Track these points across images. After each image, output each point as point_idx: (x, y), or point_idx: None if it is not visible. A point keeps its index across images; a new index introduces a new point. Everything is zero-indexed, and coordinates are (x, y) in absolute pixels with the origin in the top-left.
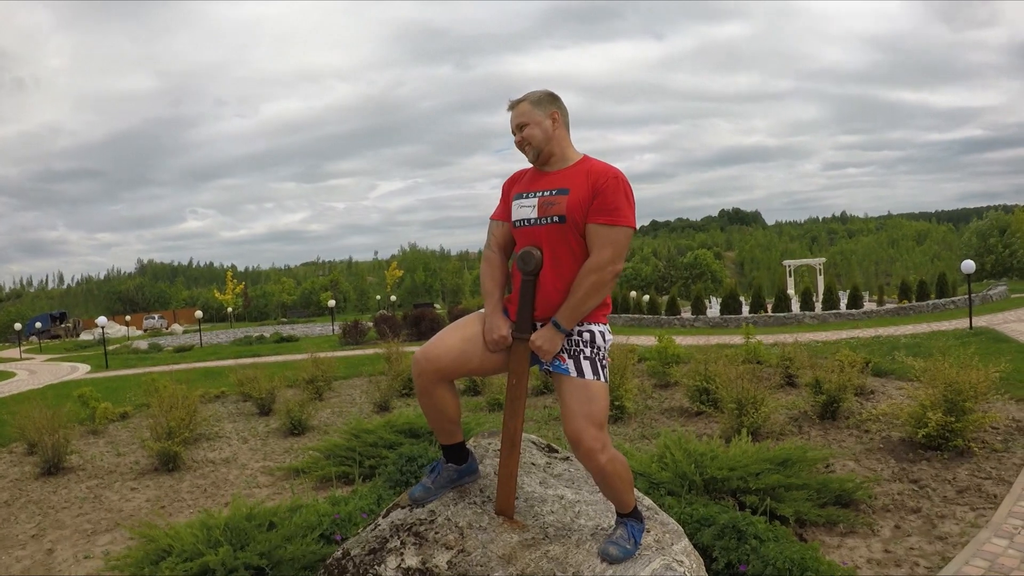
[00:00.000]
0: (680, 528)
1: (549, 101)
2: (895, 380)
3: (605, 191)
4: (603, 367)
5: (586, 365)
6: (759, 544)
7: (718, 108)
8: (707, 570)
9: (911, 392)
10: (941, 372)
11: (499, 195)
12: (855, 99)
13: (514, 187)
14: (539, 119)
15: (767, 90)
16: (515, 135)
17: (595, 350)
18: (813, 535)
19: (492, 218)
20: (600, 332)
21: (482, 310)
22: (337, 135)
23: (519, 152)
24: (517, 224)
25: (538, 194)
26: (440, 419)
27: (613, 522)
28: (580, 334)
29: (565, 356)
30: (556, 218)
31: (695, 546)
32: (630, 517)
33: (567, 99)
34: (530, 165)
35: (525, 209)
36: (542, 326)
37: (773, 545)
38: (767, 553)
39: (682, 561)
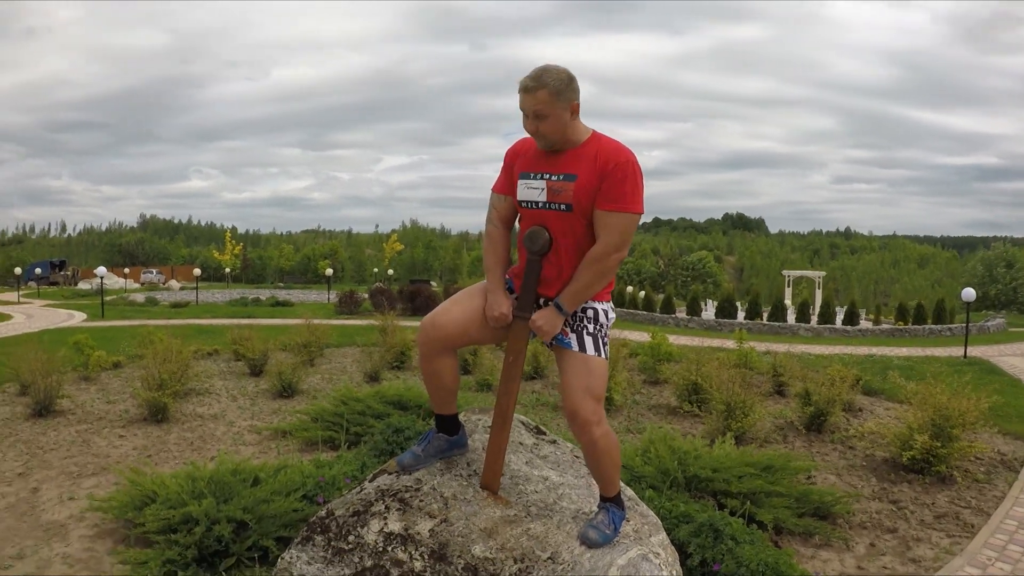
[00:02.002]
0: (659, 521)
1: (570, 90)
2: (884, 400)
3: (613, 176)
4: (604, 344)
5: (588, 340)
6: (735, 545)
7: (729, 110)
8: (681, 566)
9: (900, 413)
10: (932, 396)
11: None
12: (869, 113)
13: (518, 161)
14: (559, 112)
15: (780, 96)
16: (527, 118)
17: (598, 327)
18: (788, 543)
19: (494, 190)
20: (603, 310)
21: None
22: (344, 105)
23: (526, 136)
24: (523, 204)
25: (546, 177)
26: (438, 387)
27: (595, 507)
28: (584, 311)
29: (568, 330)
30: (563, 206)
31: (672, 541)
32: (613, 503)
33: (580, 88)
34: None
35: (533, 191)
36: (544, 303)
37: (748, 547)
38: (742, 554)
39: (658, 553)
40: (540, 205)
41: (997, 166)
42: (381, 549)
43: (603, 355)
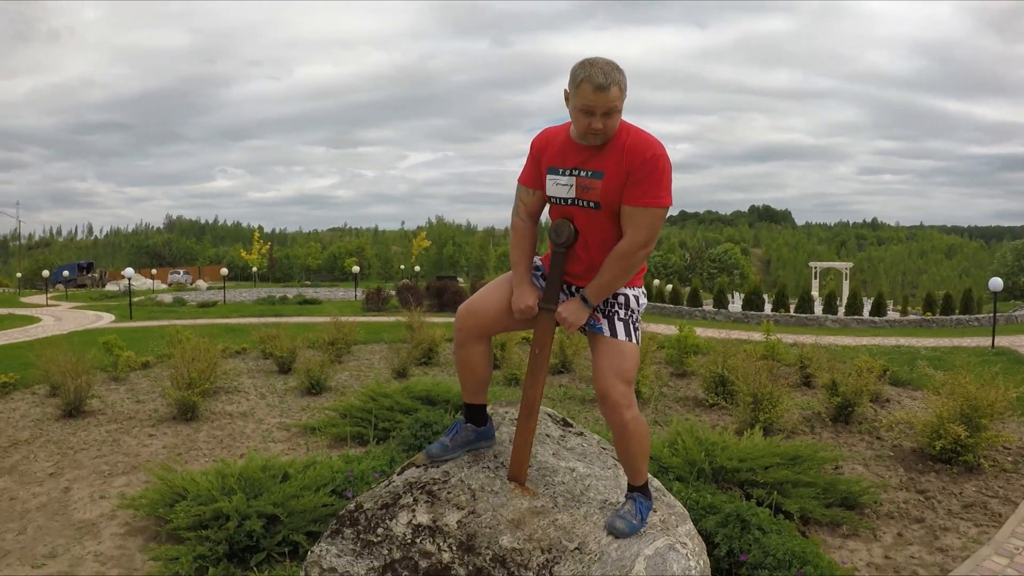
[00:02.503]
0: (686, 512)
1: (627, 86)
2: (912, 391)
3: (639, 172)
4: (635, 330)
5: (619, 326)
6: (761, 535)
7: (756, 103)
8: (708, 556)
9: (928, 403)
10: (962, 386)
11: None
12: (897, 104)
13: (546, 154)
14: (621, 109)
15: (807, 88)
16: (595, 116)
17: (629, 312)
18: (816, 533)
19: (520, 182)
20: (634, 296)
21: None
22: (369, 103)
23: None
24: (552, 200)
25: (575, 173)
26: (471, 375)
27: (622, 497)
28: (615, 296)
29: (600, 315)
30: (592, 204)
31: (699, 532)
32: (640, 492)
33: None
34: (559, 124)
35: (561, 188)
36: (573, 293)
37: (775, 537)
38: (769, 544)
39: (685, 543)
40: (568, 202)
41: None
42: (409, 541)
43: (634, 340)
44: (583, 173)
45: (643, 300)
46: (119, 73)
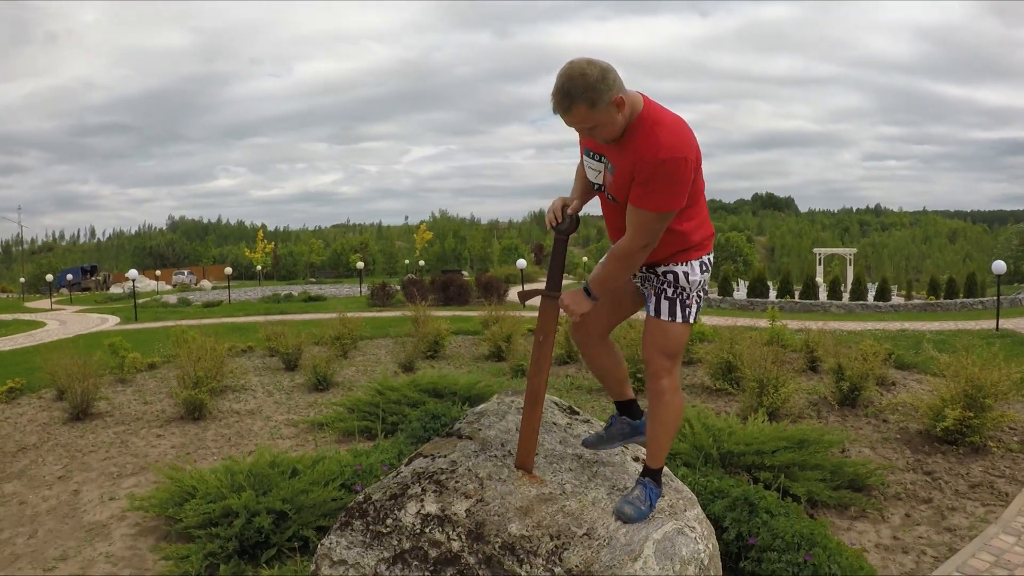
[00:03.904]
0: (694, 496)
1: (606, 89)
2: (917, 374)
3: (643, 172)
4: (684, 307)
5: (664, 305)
6: (770, 518)
7: (758, 90)
8: (717, 540)
9: (933, 385)
10: (964, 368)
11: (534, 165)
12: (900, 90)
13: (585, 141)
14: (604, 119)
15: (810, 75)
16: (579, 132)
17: (677, 290)
18: (824, 516)
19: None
20: (684, 273)
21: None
22: (371, 98)
23: (555, 122)
24: (592, 184)
25: (603, 160)
26: (606, 377)
27: (630, 483)
28: (664, 275)
29: (652, 292)
30: (610, 197)
31: (707, 516)
32: (652, 479)
33: None
34: None
35: (591, 171)
36: (640, 270)
37: (784, 520)
38: (777, 527)
39: (694, 527)
40: (596, 187)
41: None
42: (419, 531)
43: (680, 318)
44: (609, 167)
45: (694, 276)
46: (119, 74)
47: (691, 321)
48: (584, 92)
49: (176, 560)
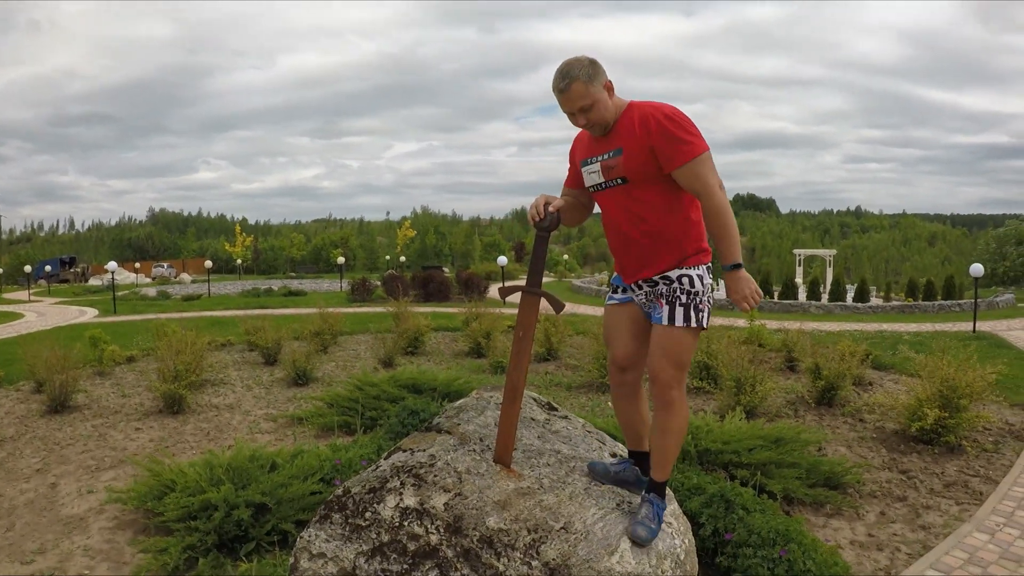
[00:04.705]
0: (671, 492)
1: (598, 71)
2: (894, 374)
3: (662, 136)
4: (698, 311)
5: (679, 312)
6: (746, 514)
7: (743, 90)
8: (693, 536)
9: (909, 385)
10: (940, 369)
11: (517, 163)
12: (883, 93)
13: (577, 153)
14: (600, 96)
15: (794, 76)
16: (575, 116)
17: (692, 296)
18: (799, 513)
19: (564, 185)
20: (698, 276)
21: (609, 302)
22: (354, 92)
23: (546, 120)
24: (592, 189)
25: (599, 158)
26: (634, 424)
27: (608, 481)
28: (680, 279)
29: (663, 301)
30: (619, 180)
31: (684, 512)
32: (657, 494)
33: None
34: None
35: (593, 175)
36: (644, 282)
37: (759, 516)
38: (753, 523)
39: (670, 523)
40: (602, 186)
41: (1009, 144)
42: (397, 524)
43: (694, 323)
44: (605, 156)
45: (707, 280)
46: (101, 64)
47: (704, 326)
48: (581, 71)
49: (155, 553)
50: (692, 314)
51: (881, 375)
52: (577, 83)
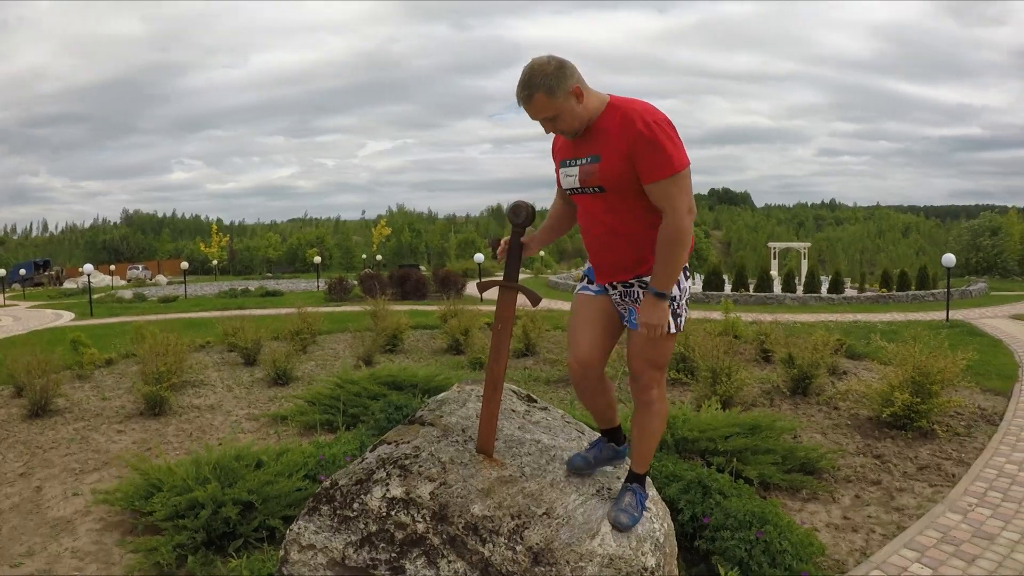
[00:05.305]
0: (649, 479)
1: (564, 79)
2: (868, 363)
3: (638, 147)
4: (676, 316)
5: None
6: (723, 499)
7: (716, 86)
8: (672, 520)
9: (882, 373)
10: (911, 356)
11: (492, 160)
12: (856, 87)
13: (558, 151)
14: (565, 107)
15: (767, 71)
16: (542, 125)
17: (672, 302)
18: (776, 498)
19: (557, 185)
20: (677, 280)
21: (582, 291)
22: (328, 90)
23: (520, 117)
24: (568, 192)
25: (578, 162)
26: (602, 409)
27: (591, 470)
28: None
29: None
30: (596, 188)
31: (662, 498)
32: (639, 483)
33: None
34: None
35: (570, 178)
36: (620, 283)
37: (736, 500)
38: (730, 507)
39: (649, 508)
40: (579, 191)
41: (981, 137)
42: (385, 514)
43: (673, 329)
44: (583, 160)
45: (684, 284)
46: (71, 64)
47: (681, 329)
48: (543, 80)
49: (144, 552)
50: (671, 319)
51: (855, 364)
52: (539, 95)
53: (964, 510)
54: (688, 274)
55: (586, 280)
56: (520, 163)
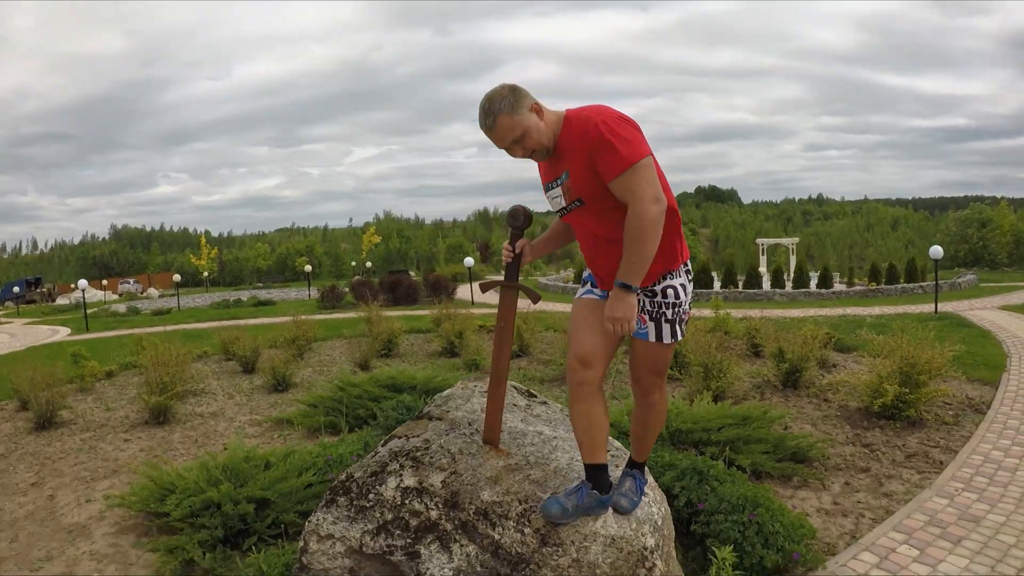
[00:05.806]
0: (646, 468)
1: (521, 98)
2: (857, 356)
3: (596, 151)
4: (681, 323)
5: (665, 330)
6: (717, 485)
7: (700, 83)
8: (668, 506)
9: (871, 365)
10: (899, 347)
11: (478, 164)
12: (840, 80)
13: (542, 178)
14: (529, 123)
15: (751, 67)
16: (511, 150)
17: (676, 310)
18: (768, 485)
19: None
20: (681, 285)
21: (585, 295)
22: (312, 99)
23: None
24: (558, 214)
25: (557, 183)
26: (592, 428)
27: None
28: (664, 292)
29: (647, 318)
30: (577, 202)
31: (659, 486)
32: (640, 470)
33: (550, 69)
34: None
35: (556, 200)
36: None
37: (730, 486)
38: (723, 492)
39: (648, 493)
40: (567, 209)
41: (967, 127)
42: (399, 503)
43: (679, 337)
44: (560, 180)
45: (688, 288)
46: (54, 82)
47: (678, 338)
48: (501, 102)
49: (163, 552)
50: (677, 328)
51: (844, 357)
52: (502, 116)
53: (951, 495)
54: (690, 278)
55: (588, 284)
56: (506, 167)
